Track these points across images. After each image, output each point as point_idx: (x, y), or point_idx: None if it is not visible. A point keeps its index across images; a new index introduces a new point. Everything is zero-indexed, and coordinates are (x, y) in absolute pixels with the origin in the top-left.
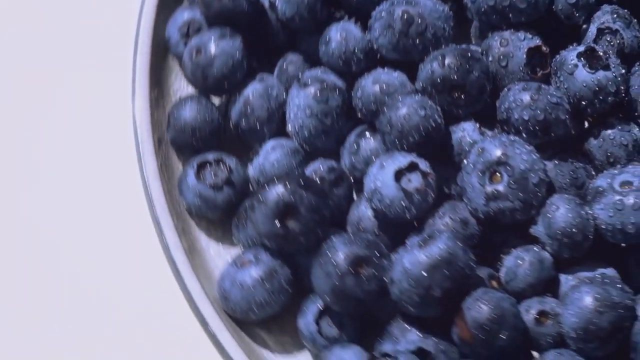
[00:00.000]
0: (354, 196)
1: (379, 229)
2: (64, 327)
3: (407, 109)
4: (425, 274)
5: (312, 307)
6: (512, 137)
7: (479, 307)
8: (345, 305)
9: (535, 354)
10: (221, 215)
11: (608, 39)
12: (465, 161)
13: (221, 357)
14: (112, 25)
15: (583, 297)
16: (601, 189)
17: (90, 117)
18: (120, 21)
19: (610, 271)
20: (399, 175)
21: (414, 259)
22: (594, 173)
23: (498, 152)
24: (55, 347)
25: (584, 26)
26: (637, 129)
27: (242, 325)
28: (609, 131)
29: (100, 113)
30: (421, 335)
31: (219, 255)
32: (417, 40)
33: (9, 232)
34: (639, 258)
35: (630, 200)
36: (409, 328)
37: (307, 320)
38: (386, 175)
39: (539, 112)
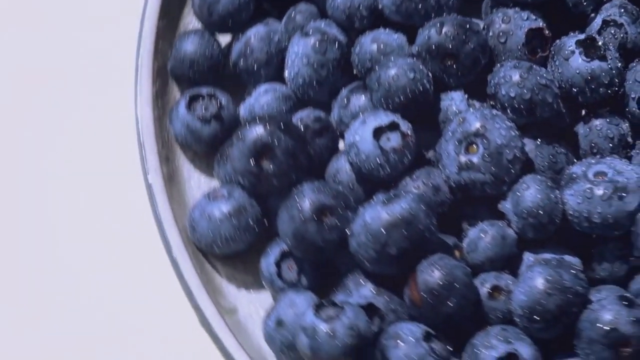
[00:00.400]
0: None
1: (354, 183)
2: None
3: (396, 70)
4: (383, 230)
5: (275, 250)
6: (494, 112)
7: (432, 271)
8: (304, 250)
9: None
10: (206, 149)
11: (612, 31)
12: (445, 129)
13: (181, 286)
14: None
15: (535, 277)
16: (575, 175)
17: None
18: None
19: (571, 258)
20: (378, 132)
21: (375, 214)
22: (575, 160)
23: (477, 124)
24: (55, 345)
25: (592, 15)
26: (626, 124)
27: (207, 258)
28: (597, 122)
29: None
30: (374, 292)
31: (199, 188)
32: (420, 6)
33: (8, 231)
34: (603, 251)
35: (600, 190)
36: (364, 283)
37: (268, 261)
38: (366, 131)
39: (525, 91)
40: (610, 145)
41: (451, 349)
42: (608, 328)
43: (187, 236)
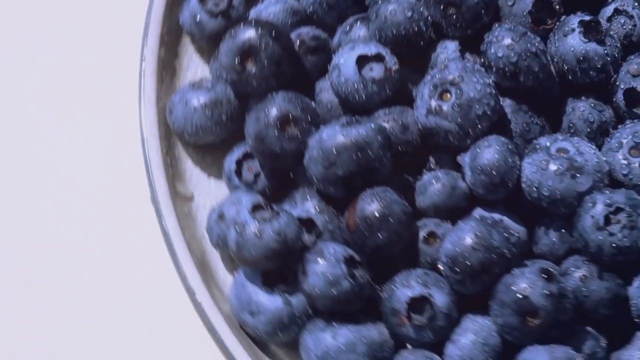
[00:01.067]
0: None
1: (332, 105)
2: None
3: (396, 6)
4: (334, 150)
5: (241, 149)
6: (477, 67)
7: (371, 201)
8: (262, 153)
9: None
10: (207, 42)
11: (622, 21)
12: (427, 72)
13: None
14: None
15: (466, 230)
16: (538, 146)
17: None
18: None
19: (514, 224)
20: (363, 61)
21: (332, 133)
22: (553, 136)
23: (455, 73)
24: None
25: (610, 1)
26: (610, 112)
27: (180, 143)
28: (582, 104)
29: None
30: (317, 209)
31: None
32: None
33: (8, 230)
34: (548, 227)
35: (555, 165)
36: (309, 199)
37: (231, 158)
38: (351, 56)
39: (513, 54)
40: (588, 129)
41: (371, 280)
42: (520, 295)
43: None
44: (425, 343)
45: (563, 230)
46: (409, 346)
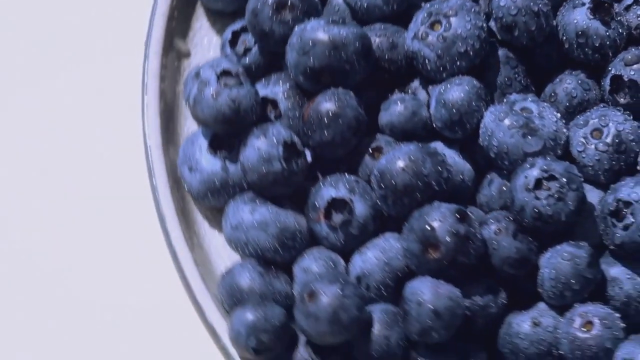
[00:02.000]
0: None
1: (341, 8)
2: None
3: None
4: (311, 42)
5: (242, 22)
6: (476, 8)
7: (329, 99)
8: (253, 28)
9: None
10: None
11: (638, 12)
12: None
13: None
14: None
15: (402, 150)
16: (506, 99)
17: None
18: None
19: (459, 164)
20: None
21: (316, 26)
22: (525, 96)
23: (452, 7)
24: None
25: None
26: (595, 94)
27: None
28: (570, 77)
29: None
30: (285, 95)
31: None
32: None
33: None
34: (493, 178)
35: (510, 120)
36: (282, 84)
37: (231, 28)
38: None
39: (513, 7)
40: (568, 103)
41: (304, 170)
42: (428, 226)
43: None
44: (335, 246)
45: (504, 188)
46: None
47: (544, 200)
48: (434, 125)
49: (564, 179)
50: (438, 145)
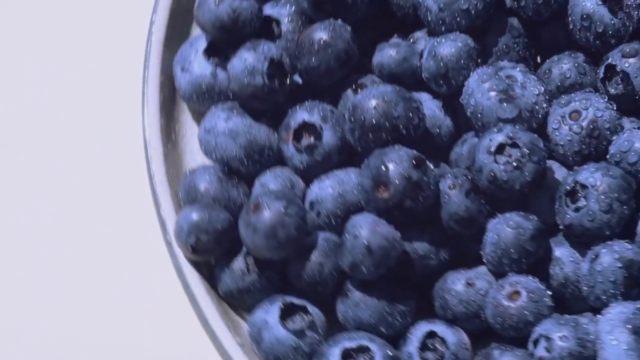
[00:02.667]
0: None
1: None
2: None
3: None
4: None
5: None
6: None
7: (324, 28)
8: None
9: None
10: None
11: None
12: None
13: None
14: None
15: (378, 90)
16: (495, 64)
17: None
18: None
19: (436, 116)
20: None
21: None
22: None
23: None
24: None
25: None
26: (589, 79)
27: None
28: (567, 59)
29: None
30: (288, 18)
31: None
32: None
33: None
34: (467, 138)
35: (490, 83)
36: (289, 7)
37: None
38: None
39: None
40: (559, 83)
41: (286, 90)
42: (383, 166)
43: None
44: (297, 169)
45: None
46: None
47: (501, 165)
48: (423, 76)
49: (526, 150)
50: (423, 96)
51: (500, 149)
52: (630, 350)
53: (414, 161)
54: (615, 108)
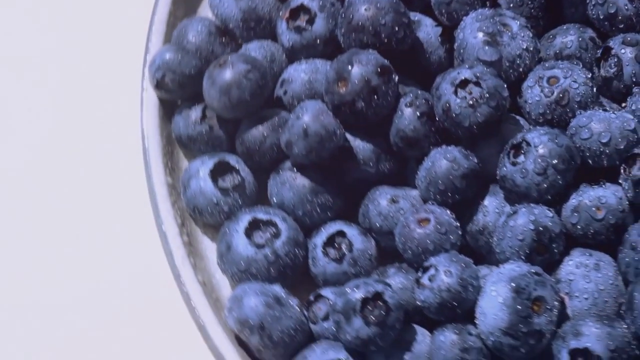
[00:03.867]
0: None
1: None
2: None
3: None
4: None
5: None
6: None
7: None
8: None
9: None
10: None
11: None
12: None
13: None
14: None
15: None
16: (495, 9)
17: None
18: None
19: (433, 31)
20: None
21: None
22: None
23: None
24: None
25: None
26: (590, 56)
27: None
28: (573, 30)
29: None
30: None
31: None
32: None
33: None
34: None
35: (481, 23)
36: None
37: None
38: None
39: None
40: (557, 51)
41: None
42: (350, 65)
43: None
44: (283, 45)
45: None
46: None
47: (458, 99)
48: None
49: (487, 93)
50: (425, 20)
51: (464, 84)
52: (504, 305)
53: (379, 68)
54: (594, 87)
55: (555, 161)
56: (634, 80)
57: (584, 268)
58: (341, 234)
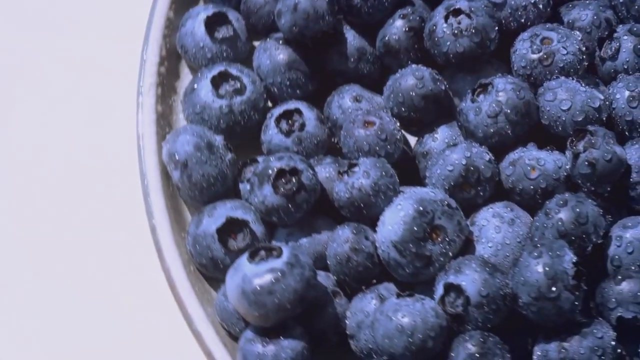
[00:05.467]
0: None
1: None
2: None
3: None
4: None
5: None
6: None
7: None
8: None
9: None
10: None
11: None
12: None
13: None
14: None
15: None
16: None
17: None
18: None
19: None
20: None
21: None
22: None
23: None
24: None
25: None
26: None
27: None
28: (593, 6)
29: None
30: None
31: None
32: None
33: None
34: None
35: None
36: None
37: None
38: None
39: None
40: (569, 20)
41: None
42: None
43: None
44: None
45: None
46: None
47: (445, 25)
48: None
49: (474, 28)
50: None
51: (457, 13)
52: (402, 221)
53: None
54: (584, 60)
55: (508, 110)
56: (625, 67)
57: (499, 219)
58: (299, 112)
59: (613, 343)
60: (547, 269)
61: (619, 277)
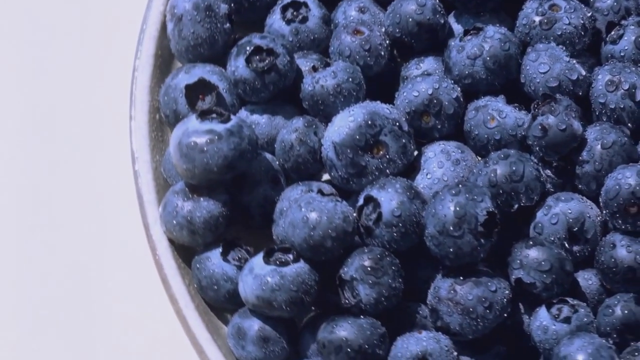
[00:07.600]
0: None
1: None
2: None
3: None
4: None
5: None
6: None
7: None
8: None
9: None
10: None
11: None
12: None
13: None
14: None
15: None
16: None
17: None
18: None
19: None
20: None
21: None
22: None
23: None
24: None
25: None
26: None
27: None
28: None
29: None
30: None
31: None
32: None
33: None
34: None
35: None
36: None
37: None
38: None
39: None
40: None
41: None
42: None
43: None
44: None
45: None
46: None
47: None
48: None
49: None
50: None
51: None
52: (348, 126)
53: None
54: (585, 36)
55: (488, 57)
56: (622, 55)
57: (445, 155)
58: (306, 6)
59: (504, 301)
60: (458, 208)
61: (531, 242)
